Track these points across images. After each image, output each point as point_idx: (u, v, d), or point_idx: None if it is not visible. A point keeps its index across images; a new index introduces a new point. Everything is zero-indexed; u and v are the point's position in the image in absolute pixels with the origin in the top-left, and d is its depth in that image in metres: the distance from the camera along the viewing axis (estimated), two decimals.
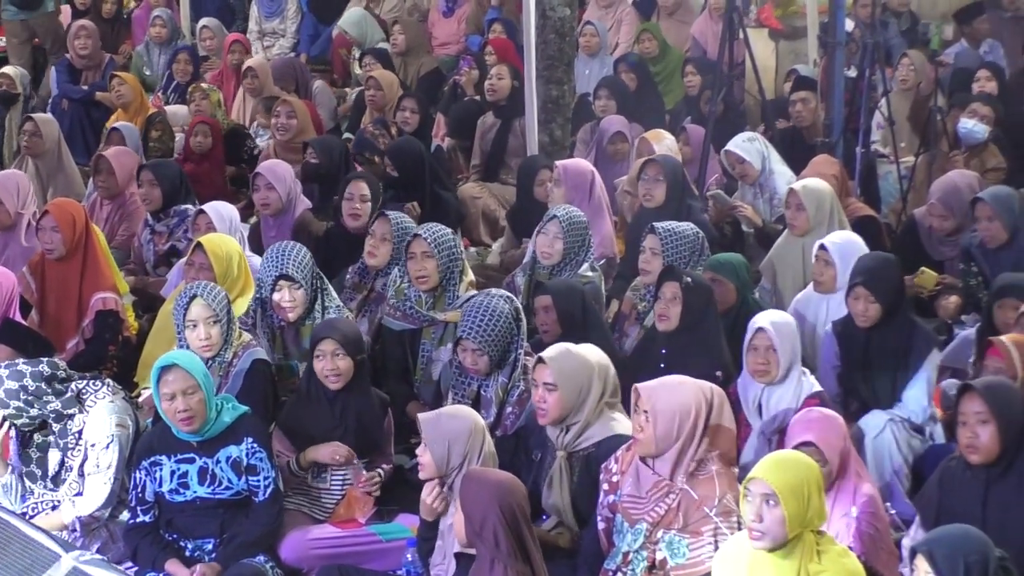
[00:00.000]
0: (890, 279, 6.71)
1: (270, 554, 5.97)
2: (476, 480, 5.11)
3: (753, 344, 6.31)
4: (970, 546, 4.45)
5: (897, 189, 9.92)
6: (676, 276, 6.76)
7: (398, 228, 7.57)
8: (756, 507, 4.75)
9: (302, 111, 10.28)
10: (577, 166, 8.79)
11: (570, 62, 10.15)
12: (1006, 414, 5.18)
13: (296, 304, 6.91)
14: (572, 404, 5.85)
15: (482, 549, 4.99)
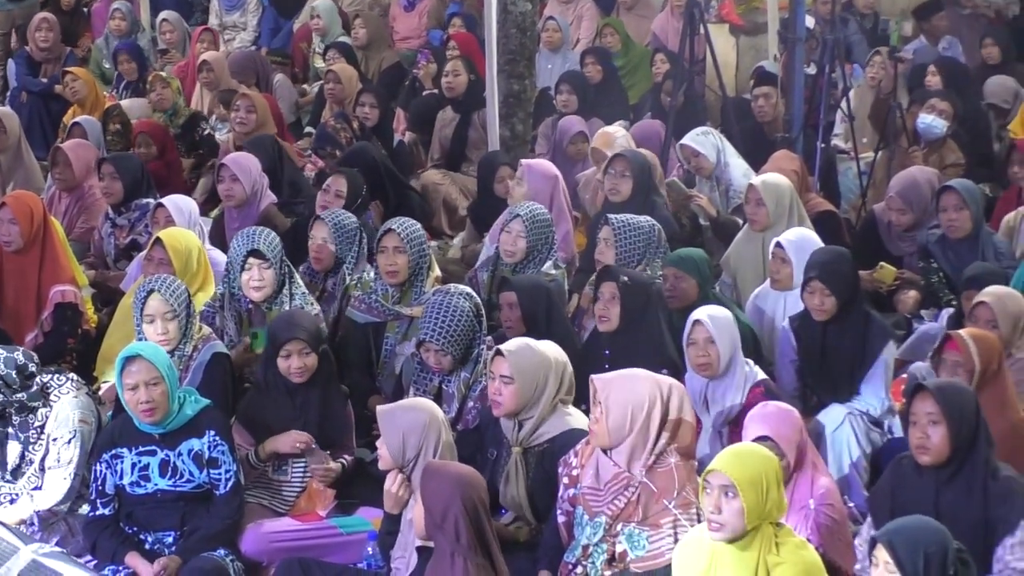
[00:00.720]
0: (844, 272, 6.73)
1: (230, 547, 5.96)
2: (436, 473, 5.11)
3: (692, 338, 6.32)
4: (930, 537, 4.48)
5: (857, 185, 9.97)
6: (613, 276, 6.75)
7: (337, 229, 7.53)
8: (715, 499, 4.77)
9: (261, 105, 10.24)
10: (542, 167, 8.79)
11: (531, 57, 10.16)
12: (957, 416, 5.17)
13: (265, 283, 6.93)
14: (527, 398, 5.85)
15: (442, 542, 4.99)
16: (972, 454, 5.18)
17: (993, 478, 5.15)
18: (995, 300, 6.53)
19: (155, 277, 6.59)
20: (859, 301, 6.76)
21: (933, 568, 4.43)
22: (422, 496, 5.07)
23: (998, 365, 5.96)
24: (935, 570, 4.43)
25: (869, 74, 11.19)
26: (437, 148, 10.76)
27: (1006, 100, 10.68)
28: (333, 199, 8.36)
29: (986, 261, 7.78)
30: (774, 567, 4.74)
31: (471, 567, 4.94)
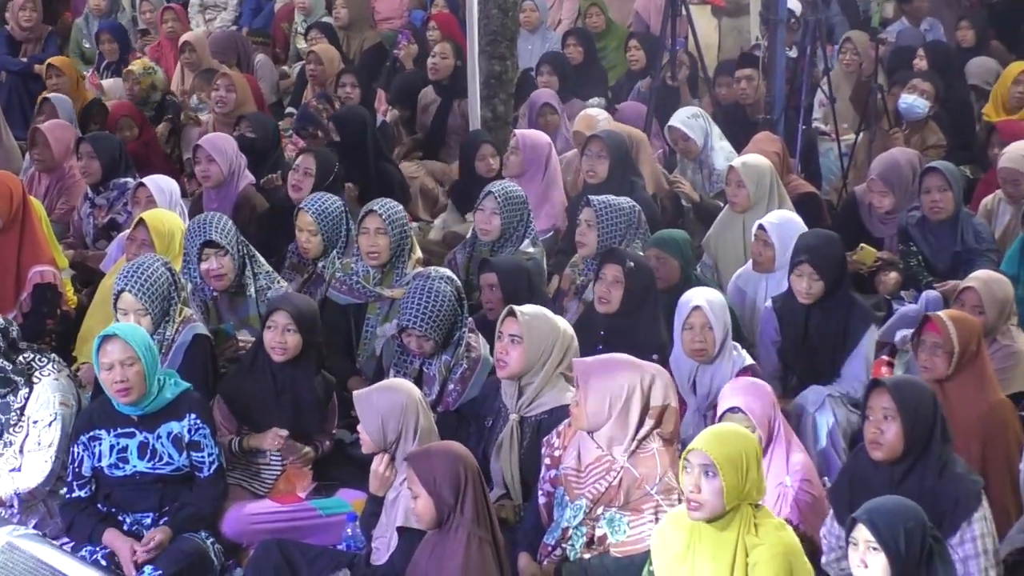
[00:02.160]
0: (834, 257, 6.74)
1: (210, 530, 5.97)
2: (426, 456, 5.07)
3: (689, 323, 6.32)
4: (908, 513, 4.50)
5: (838, 166, 9.97)
6: (619, 259, 6.74)
7: (321, 216, 7.51)
8: (695, 478, 4.76)
9: (241, 85, 10.20)
10: (536, 137, 8.81)
11: (513, 37, 10.14)
12: (912, 412, 5.16)
13: (225, 271, 6.91)
14: (533, 362, 5.87)
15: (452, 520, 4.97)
16: (926, 452, 5.18)
17: (941, 477, 5.15)
18: (982, 285, 6.53)
19: (130, 274, 6.49)
20: (845, 285, 6.77)
21: (914, 543, 4.45)
22: (424, 482, 5.01)
23: (977, 347, 5.96)
24: (915, 544, 4.46)
25: (843, 60, 11.17)
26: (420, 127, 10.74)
27: (988, 82, 10.68)
28: (303, 177, 8.32)
29: (966, 243, 7.80)
30: (752, 548, 4.74)
31: (475, 540, 4.94)
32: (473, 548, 4.93)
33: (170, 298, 6.51)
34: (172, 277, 6.55)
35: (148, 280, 6.45)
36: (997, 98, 10.18)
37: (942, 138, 9.73)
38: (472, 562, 4.92)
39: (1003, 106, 10.10)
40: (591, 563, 5.37)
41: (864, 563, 4.50)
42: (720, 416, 5.57)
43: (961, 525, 5.09)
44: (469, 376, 6.48)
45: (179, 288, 6.58)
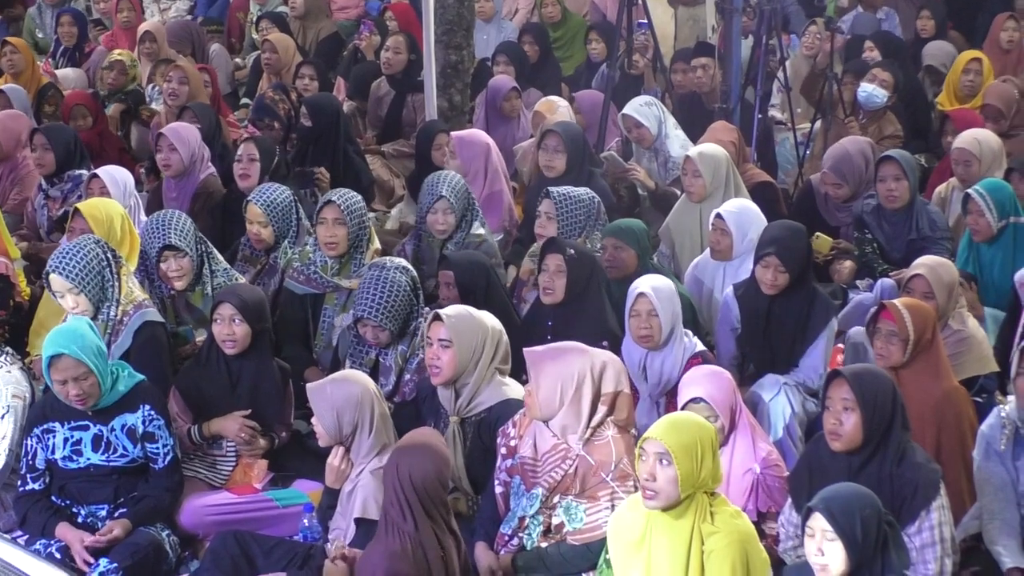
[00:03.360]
0: (799, 249, 6.75)
1: (166, 522, 5.95)
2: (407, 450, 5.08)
3: (635, 309, 6.33)
4: (864, 501, 4.54)
5: (794, 155, 10.00)
6: (559, 248, 6.75)
7: (270, 207, 7.47)
8: (650, 466, 4.78)
9: (194, 76, 10.13)
10: (472, 137, 8.76)
11: (469, 27, 10.13)
12: (871, 403, 5.18)
13: (183, 272, 6.87)
14: (465, 363, 5.86)
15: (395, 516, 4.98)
16: (885, 442, 5.20)
17: (900, 466, 5.17)
18: (929, 271, 6.57)
19: (58, 255, 6.44)
20: (809, 277, 6.79)
21: (870, 530, 4.48)
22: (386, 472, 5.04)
23: (932, 334, 5.99)
24: (871, 531, 4.49)
25: (805, 43, 11.21)
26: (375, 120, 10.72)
27: (945, 64, 10.73)
28: (248, 165, 8.27)
29: (920, 231, 7.84)
30: (708, 536, 4.76)
31: (406, 543, 4.94)
32: (395, 549, 4.94)
33: (103, 275, 6.44)
34: (105, 255, 6.47)
35: (75, 258, 6.39)
36: (949, 87, 10.24)
37: (899, 128, 9.77)
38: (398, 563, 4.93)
39: (955, 95, 10.16)
40: (548, 551, 5.39)
41: (821, 551, 4.52)
42: (683, 406, 5.58)
43: (920, 514, 5.12)
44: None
45: (115, 265, 6.50)
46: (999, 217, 7.39)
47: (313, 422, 5.58)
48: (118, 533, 5.76)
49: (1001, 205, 7.40)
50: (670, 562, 4.79)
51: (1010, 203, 7.44)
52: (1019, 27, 11.00)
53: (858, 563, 4.51)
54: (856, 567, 4.50)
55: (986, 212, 7.37)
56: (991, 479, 5.57)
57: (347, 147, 9.21)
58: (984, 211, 7.38)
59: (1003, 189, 7.52)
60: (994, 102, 9.31)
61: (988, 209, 7.37)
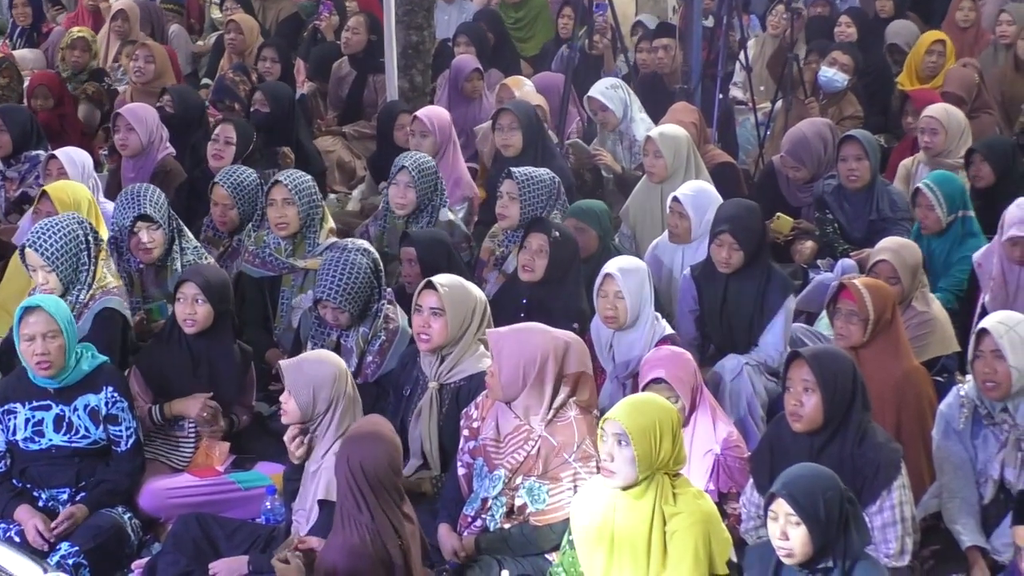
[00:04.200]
0: (754, 227, 6.77)
1: (128, 504, 5.92)
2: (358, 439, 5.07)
3: (603, 290, 6.36)
4: (825, 482, 4.55)
5: (755, 136, 10.02)
6: (545, 228, 6.77)
7: (236, 189, 7.46)
8: (609, 447, 4.80)
9: (161, 55, 10.10)
10: (439, 114, 8.73)
11: (430, 8, 10.13)
12: (832, 384, 5.19)
13: (155, 244, 6.86)
14: (456, 332, 5.90)
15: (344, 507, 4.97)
16: (846, 422, 5.22)
17: (861, 446, 5.19)
18: (893, 255, 6.57)
19: (37, 230, 6.44)
20: (764, 255, 6.81)
21: (833, 512, 4.49)
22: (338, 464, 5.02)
23: (892, 314, 6.01)
24: (834, 512, 4.50)
25: (771, 23, 11.21)
26: (335, 101, 10.68)
27: (908, 43, 10.76)
28: (223, 147, 8.26)
29: (881, 212, 7.87)
30: (671, 517, 4.78)
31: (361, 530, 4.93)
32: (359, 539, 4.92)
33: (79, 258, 6.42)
34: (86, 237, 6.45)
35: (54, 237, 6.36)
36: (911, 67, 10.27)
37: (859, 109, 9.82)
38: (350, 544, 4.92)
39: (917, 75, 10.20)
40: (511, 532, 5.39)
41: (785, 535, 4.53)
42: (644, 387, 5.60)
43: (881, 493, 5.14)
44: (387, 348, 6.47)
45: (94, 249, 6.48)
46: (948, 211, 7.41)
47: (283, 399, 5.54)
48: (76, 516, 5.74)
49: (951, 199, 7.42)
50: (632, 543, 4.81)
51: (959, 197, 7.46)
52: (975, 7, 11.07)
53: (822, 545, 4.52)
54: (820, 548, 4.52)
55: (936, 206, 7.39)
56: (950, 458, 5.60)
57: (300, 134, 9.18)
58: (934, 205, 7.39)
59: (953, 182, 7.54)
60: (955, 89, 9.34)
61: (938, 203, 7.39)
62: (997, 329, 5.50)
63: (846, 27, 10.96)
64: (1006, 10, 10.68)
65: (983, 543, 5.45)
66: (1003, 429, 5.51)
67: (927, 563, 5.55)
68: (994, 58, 10.53)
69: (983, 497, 5.56)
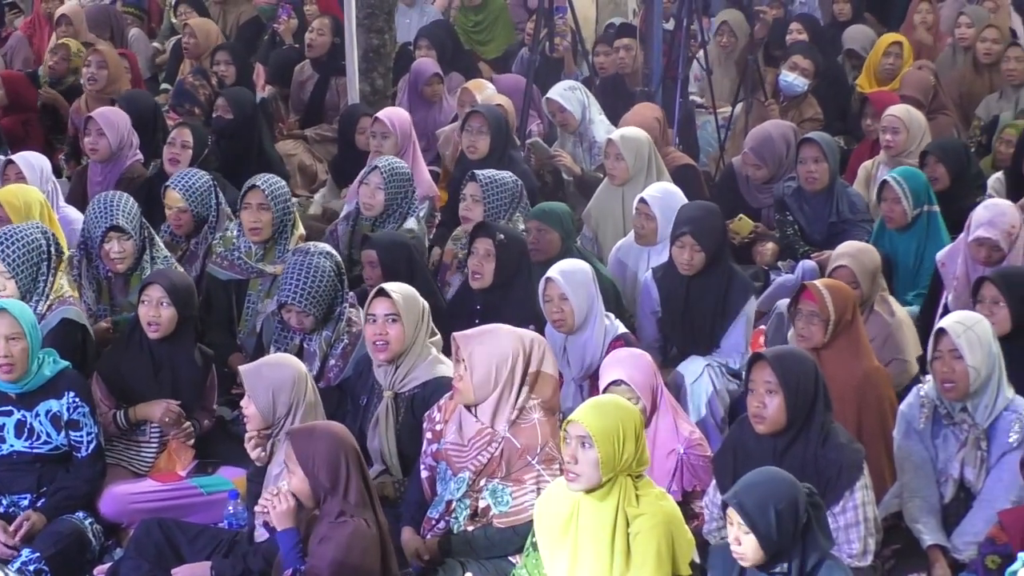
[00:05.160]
0: (715, 228, 6.80)
1: (89, 510, 5.90)
2: (308, 436, 5.02)
3: (546, 295, 6.38)
4: (778, 492, 4.52)
5: (715, 138, 10.05)
6: (489, 232, 6.77)
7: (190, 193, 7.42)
8: (572, 449, 4.80)
9: (114, 61, 10.02)
10: (400, 114, 8.73)
11: (391, 11, 10.12)
12: (794, 385, 5.20)
13: (126, 255, 6.82)
14: (411, 338, 5.89)
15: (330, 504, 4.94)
16: (808, 423, 5.23)
17: (824, 447, 5.20)
18: (852, 260, 6.59)
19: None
20: (726, 257, 6.83)
21: (785, 521, 4.48)
22: (302, 462, 4.97)
23: (852, 315, 6.04)
24: (787, 522, 4.48)
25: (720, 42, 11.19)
26: (297, 104, 10.66)
27: (864, 48, 10.82)
28: (180, 150, 8.21)
29: (840, 213, 7.92)
30: (634, 518, 4.78)
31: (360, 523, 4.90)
32: (355, 529, 4.90)
33: (39, 268, 6.39)
34: (48, 247, 6.43)
35: (16, 244, 6.33)
36: (869, 69, 10.33)
37: (819, 112, 9.88)
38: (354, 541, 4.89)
39: (875, 77, 10.26)
40: (475, 535, 5.40)
41: (738, 541, 4.54)
42: (604, 389, 5.61)
43: (844, 494, 5.16)
44: (351, 351, 6.46)
45: (55, 260, 6.45)
46: (914, 205, 7.45)
47: (243, 404, 5.53)
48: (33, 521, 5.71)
49: (916, 193, 7.47)
50: (596, 545, 4.82)
51: (924, 192, 7.51)
52: (933, 9, 11.14)
53: (775, 553, 4.52)
54: (773, 556, 4.52)
55: (902, 199, 7.44)
56: (911, 457, 5.63)
57: (263, 140, 9.16)
58: (900, 198, 7.44)
59: (918, 177, 7.60)
60: (911, 92, 9.40)
61: (904, 196, 7.43)
62: (955, 329, 5.54)
63: (797, 33, 11.02)
64: (965, 12, 10.76)
65: (944, 542, 5.48)
66: (963, 429, 5.55)
67: (889, 562, 5.58)
68: (952, 60, 10.60)
69: (944, 496, 5.60)
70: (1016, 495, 5.36)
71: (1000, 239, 6.73)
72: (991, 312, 6.03)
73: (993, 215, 6.79)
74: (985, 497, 5.48)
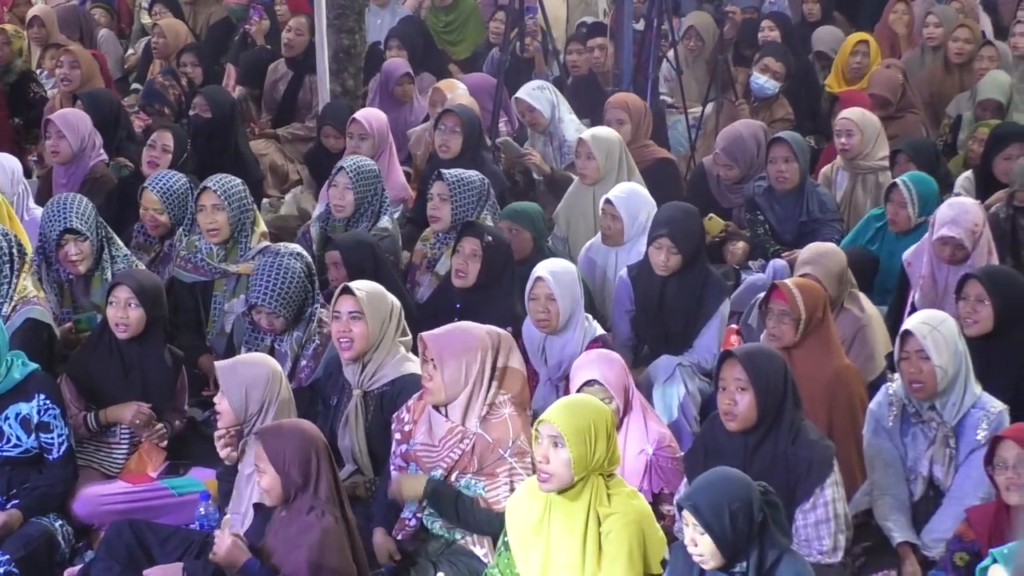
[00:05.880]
0: (692, 230, 6.81)
1: (60, 512, 5.89)
2: (277, 434, 5.05)
3: (533, 293, 6.37)
4: (733, 493, 4.50)
5: (686, 138, 10.07)
6: (478, 233, 6.78)
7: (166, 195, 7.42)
8: (544, 449, 4.80)
9: (87, 60, 9.99)
10: (377, 116, 8.72)
11: (361, 11, 10.12)
12: (764, 382, 5.22)
13: (84, 256, 6.80)
14: (376, 336, 5.88)
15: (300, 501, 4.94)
16: (779, 420, 5.24)
17: (795, 444, 5.22)
18: (815, 268, 6.53)
19: None
20: (702, 258, 6.84)
21: (740, 521, 4.46)
22: (271, 460, 4.99)
23: (823, 313, 6.06)
24: (742, 523, 4.46)
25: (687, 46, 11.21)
26: (270, 104, 10.65)
27: (834, 49, 10.86)
28: (160, 154, 8.21)
29: (811, 213, 7.94)
30: (605, 517, 4.79)
31: (330, 520, 4.92)
32: (327, 527, 4.91)
33: (1, 270, 6.37)
34: (11, 250, 6.40)
35: None
36: (838, 69, 10.37)
37: (790, 112, 9.89)
38: (327, 540, 4.90)
39: (844, 76, 10.29)
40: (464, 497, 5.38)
41: (694, 542, 4.54)
42: (577, 389, 5.61)
43: (814, 491, 5.17)
44: (322, 352, 6.45)
45: (17, 262, 6.42)
46: (920, 212, 7.40)
47: (217, 400, 5.53)
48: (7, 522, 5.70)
49: (924, 200, 7.41)
50: (568, 544, 4.82)
51: (933, 201, 7.41)
52: (908, 10, 11.18)
53: (732, 553, 4.52)
54: (730, 556, 4.52)
55: (908, 204, 7.40)
56: (881, 455, 5.65)
57: (238, 140, 9.15)
58: (907, 203, 7.40)
59: (930, 184, 7.54)
60: (880, 91, 9.43)
61: (911, 202, 7.39)
62: (920, 330, 5.55)
63: (769, 31, 11.06)
64: (933, 12, 10.80)
65: (914, 539, 5.50)
66: (931, 427, 5.57)
67: (859, 560, 5.59)
68: (921, 60, 10.64)
69: (913, 494, 5.61)
70: (984, 492, 5.37)
71: (964, 238, 6.75)
72: (975, 310, 6.05)
73: (957, 213, 6.82)
74: (954, 494, 5.50)
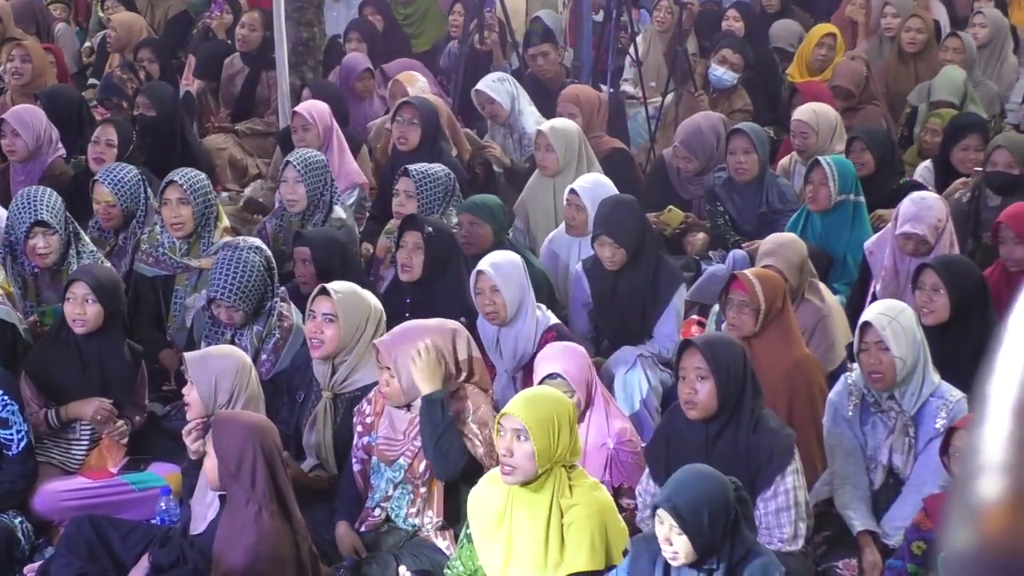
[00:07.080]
0: (631, 225, 6.79)
1: (20, 508, 5.85)
2: (229, 422, 5.06)
3: (478, 288, 6.37)
4: (712, 493, 4.49)
5: (646, 129, 10.09)
6: (417, 225, 6.76)
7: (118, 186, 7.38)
8: (507, 442, 4.80)
9: (38, 54, 9.92)
10: (318, 105, 8.70)
11: (320, 4, 10.11)
12: (724, 371, 5.22)
13: (51, 250, 6.78)
14: (347, 340, 5.85)
15: (236, 491, 4.95)
16: (739, 408, 5.25)
17: (755, 432, 5.23)
18: (777, 259, 6.54)
19: None
20: (649, 247, 6.85)
21: (717, 520, 4.47)
22: (215, 446, 5.01)
23: (782, 303, 6.07)
24: (719, 521, 4.48)
25: (657, 19, 11.30)
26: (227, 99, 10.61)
27: (791, 44, 10.91)
28: (104, 148, 8.17)
29: (770, 204, 7.97)
30: (567, 509, 4.79)
31: (266, 515, 4.91)
32: (264, 522, 4.91)
33: None
34: None
35: None
36: (801, 59, 10.42)
37: (748, 103, 9.92)
38: (263, 535, 4.90)
39: (806, 67, 10.34)
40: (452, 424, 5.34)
41: (669, 542, 4.54)
42: (539, 382, 5.61)
43: (775, 479, 5.18)
44: (282, 346, 6.45)
45: None
46: (840, 190, 7.51)
47: (186, 391, 5.51)
48: None
49: (844, 179, 7.52)
50: (530, 536, 4.83)
51: (852, 181, 7.56)
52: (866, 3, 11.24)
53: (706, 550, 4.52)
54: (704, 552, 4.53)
55: (829, 181, 7.49)
56: (841, 444, 5.67)
57: (186, 135, 9.11)
58: (828, 180, 7.49)
59: (848, 166, 7.68)
60: (843, 83, 9.48)
61: (832, 179, 7.49)
62: (880, 321, 5.56)
63: (734, 21, 11.10)
64: (890, 2, 10.86)
65: (874, 527, 5.52)
66: (891, 416, 5.59)
67: (820, 548, 5.62)
68: (879, 50, 10.70)
69: (873, 483, 5.63)
70: (944, 480, 5.41)
71: (927, 233, 6.80)
72: (931, 299, 6.08)
73: (920, 209, 6.85)
74: (913, 483, 5.53)
